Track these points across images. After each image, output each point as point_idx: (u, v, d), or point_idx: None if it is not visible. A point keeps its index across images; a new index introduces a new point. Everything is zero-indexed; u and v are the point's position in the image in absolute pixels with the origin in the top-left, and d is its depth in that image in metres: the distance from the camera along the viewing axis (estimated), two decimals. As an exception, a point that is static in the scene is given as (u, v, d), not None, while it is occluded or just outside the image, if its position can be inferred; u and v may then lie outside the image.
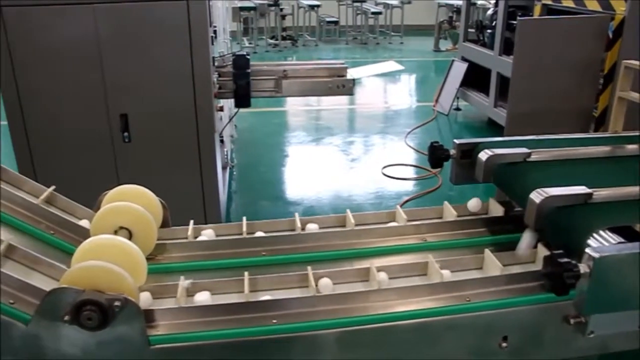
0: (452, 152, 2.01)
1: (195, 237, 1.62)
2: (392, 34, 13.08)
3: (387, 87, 9.55)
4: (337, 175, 5.36)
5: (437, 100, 7.25)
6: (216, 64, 3.75)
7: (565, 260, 1.28)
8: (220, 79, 3.78)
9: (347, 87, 3.97)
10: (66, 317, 1.21)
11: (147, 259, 1.46)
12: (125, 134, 3.38)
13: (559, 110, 4.22)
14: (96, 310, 1.20)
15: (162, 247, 1.56)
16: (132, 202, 1.51)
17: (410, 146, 5.95)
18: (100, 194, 1.69)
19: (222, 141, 4.07)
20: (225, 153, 4.48)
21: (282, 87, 3.88)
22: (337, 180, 5.20)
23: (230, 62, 3.86)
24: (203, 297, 1.40)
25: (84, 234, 1.51)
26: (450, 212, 1.92)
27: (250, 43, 12.07)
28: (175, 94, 3.36)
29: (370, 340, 1.41)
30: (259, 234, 1.64)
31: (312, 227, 1.72)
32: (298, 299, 1.36)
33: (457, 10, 10.56)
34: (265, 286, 1.49)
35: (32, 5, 3.29)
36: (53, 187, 1.62)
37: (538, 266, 1.55)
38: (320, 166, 5.64)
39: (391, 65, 10.32)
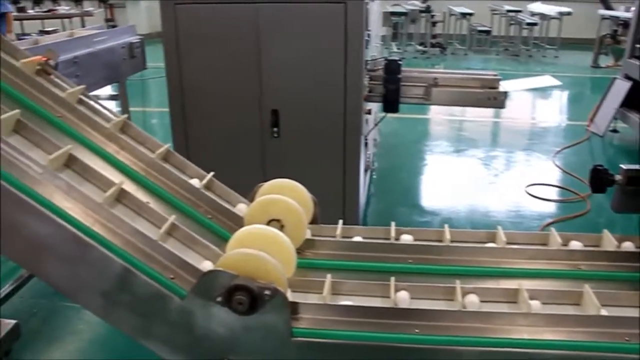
0: (618, 177, 1.87)
1: (343, 237, 1.64)
2: (547, 46, 12.47)
3: (536, 102, 9.13)
4: (477, 189, 5.21)
5: (591, 120, 6.80)
6: (368, 67, 3.78)
7: None
8: (371, 82, 3.80)
9: (498, 100, 3.83)
10: (219, 299, 1.28)
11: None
12: (275, 129, 3.51)
13: None
14: (247, 296, 1.25)
15: (310, 243, 1.59)
16: (286, 196, 1.55)
17: (558, 166, 5.64)
18: (246, 184, 1.76)
19: (366, 144, 4.09)
20: (368, 156, 4.51)
21: (431, 95, 3.83)
22: (477, 194, 5.05)
23: (382, 67, 3.87)
24: (346, 296, 1.41)
25: (238, 221, 1.58)
26: (610, 242, 1.78)
27: (398, 48, 12.07)
28: (326, 94, 3.43)
29: (514, 364, 1.35)
30: (407, 240, 1.62)
31: (459, 240, 1.67)
32: (444, 311, 1.33)
33: (624, 24, 9.80)
34: (409, 294, 1.47)
35: (200, 3, 3.52)
36: (212, 174, 1.71)
37: None
38: (460, 178, 5.51)
39: (547, 80, 9.82)
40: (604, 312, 1.44)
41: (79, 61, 3.60)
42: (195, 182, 1.68)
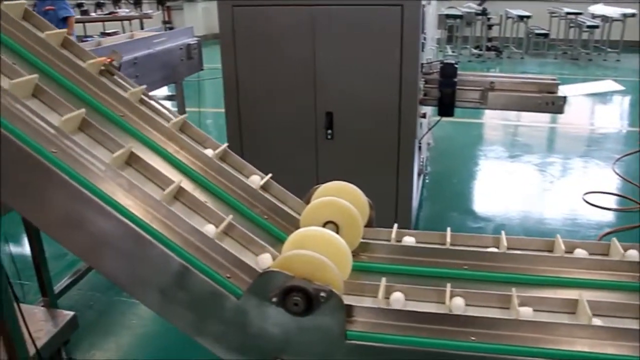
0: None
1: (398, 241, 1.62)
2: (608, 50, 12.05)
3: (595, 107, 8.87)
4: (532, 195, 5.10)
5: (655, 126, 6.57)
6: (423, 70, 3.75)
7: None
8: (426, 85, 3.76)
9: (557, 105, 3.73)
10: (274, 299, 1.28)
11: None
12: (329, 131, 3.51)
13: None
14: (303, 297, 1.25)
15: (364, 246, 1.58)
16: (342, 198, 1.55)
17: (618, 174, 5.46)
18: (299, 185, 1.77)
19: (419, 148, 4.06)
20: (421, 160, 4.47)
21: (487, 99, 3.76)
22: (532, 201, 4.95)
23: (437, 70, 3.83)
24: (399, 300, 1.40)
25: (294, 223, 1.58)
26: (678, 254, 1.70)
27: (453, 51, 11.93)
28: (381, 97, 3.42)
29: (572, 376, 1.31)
30: (460, 246, 1.60)
31: (516, 248, 1.63)
32: (501, 320, 1.30)
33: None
34: (465, 300, 1.44)
35: (257, 5, 3.56)
36: (270, 175, 1.72)
37: None
38: (514, 184, 5.40)
39: (608, 85, 9.51)
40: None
41: (138, 62, 3.69)
42: (254, 179, 1.70)
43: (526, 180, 5.48)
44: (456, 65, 3.77)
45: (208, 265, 1.33)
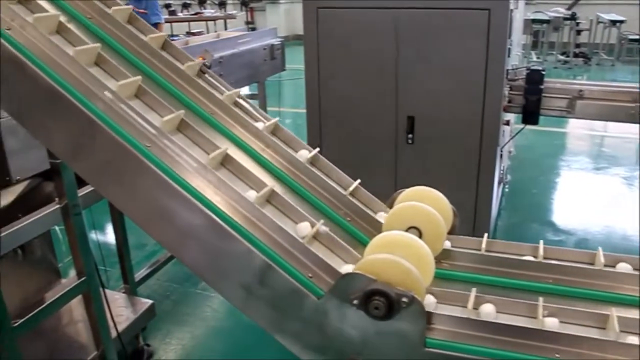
0: None
1: (481, 250, 1.59)
2: None
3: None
4: (618, 210, 4.86)
5: None
6: (508, 76, 3.65)
7: None
8: (511, 92, 3.67)
9: (651, 116, 3.56)
10: (355, 301, 1.28)
11: (432, 262, 1.47)
12: (410, 135, 3.48)
13: None
14: (384, 302, 1.24)
15: (447, 253, 1.56)
16: (425, 204, 1.53)
17: None
18: (377, 188, 1.75)
19: (501, 156, 3.96)
20: (502, 168, 4.36)
21: (575, 108, 3.62)
22: (617, 216, 4.72)
23: (523, 76, 3.72)
24: (488, 312, 1.36)
25: (377, 227, 1.58)
26: None
27: (538, 57, 11.56)
28: (464, 102, 3.36)
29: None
30: (551, 260, 1.54)
31: (622, 267, 1.55)
32: (591, 339, 1.24)
33: None
34: (555, 316, 1.39)
35: (342, 8, 3.58)
36: (359, 181, 1.72)
37: None
38: (599, 197, 5.18)
39: None
40: None
41: (223, 61, 3.78)
42: (340, 182, 1.70)
43: (612, 194, 5.25)
44: (543, 72, 3.65)
45: (291, 264, 1.34)
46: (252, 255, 1.34)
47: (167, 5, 12.70)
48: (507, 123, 3.89)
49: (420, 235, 1.49)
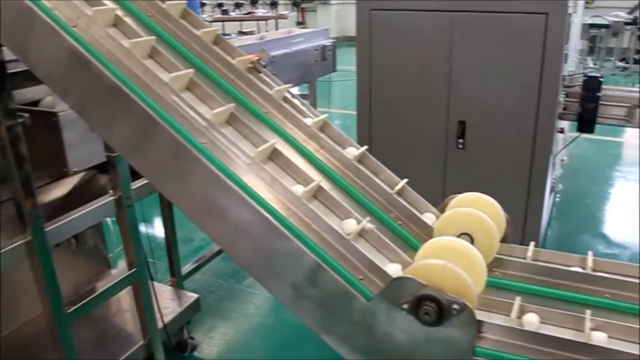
0: None
1: (533, 260, 1.56)
2: None
3: None
4: (677, 225, 4.70)
5: None
6: (564, 82, 3.57)
7: None
8: (567, 99, 3.59)
9: None
10: (405, 306, 1.27)
11: (483, 269, 1.45)
12: (460, 140, 3.44)
13: None
14: (434, 307, 1.23)
15: (498, 261, 1.53)
16: (478, 210, 1.51)
17: None
18: (425, 193, 1.74)
19: (553, 164, 3.88)
20: (554, 177, 4.27)
21: (635, 117, 3.52)
22: (675, 231, 4.56)
23: (580, 83, 3.63)
24: (531, 321, 1.34)
25: (428, 231, 1.56)
26: None
27: (595, 64, 11.24)
28: (517, 108, 3.30)
29: None
30: (603, 273, 1.50)
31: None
32: (631, 354, 1.21)
33: None
34: (600, 330, 1.36)
35: (396, 10, 3.56)
36: (406, 180, 1.71)
37: None
38: (656, 211, 5.01)
39: None
40: None
41: (275, 61, 3.80)
42: (389, 182, 1.69)
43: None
44: (601, 79, 3.56)
45: (342, 265, 1.34)
46: (304, 255, 1.34)
47: (220, 5, 12.88)
48: (562, 131, 3.81)
49: (471, 242, 1.48)
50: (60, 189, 3.04)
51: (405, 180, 1.70)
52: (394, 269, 1.39)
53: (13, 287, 3.10)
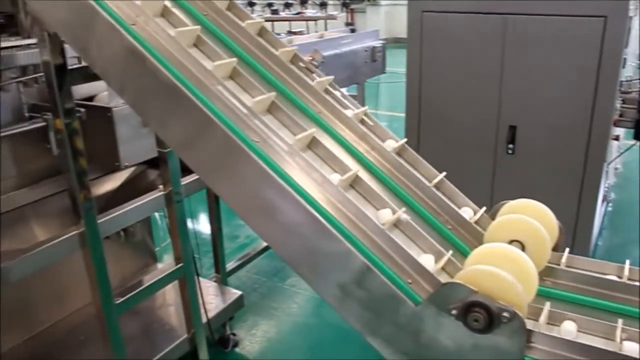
0: None
1: (587, 270, 1.52)
2: None
3: None
4: None
5: None
6: (622, 88, 3.47)
7: None
8: (623, 105, 3.49)
9: None
10: (454, 312, 1.25)
11: (532, 277, 1.42)
12: (510, 145, 3.38)
13: None
14: (484, 314, 1.21)
15: (550, 270, 1.50)
16: (530, 217, 1.48)
17: None
18: (472, 197, 1.71)
19: (607, 172, 3.78)
20: (607, 185, 4.15)
21: (695, 126, 3.40)
22: None
23: (638, 89, 3.53)
24: (569, 329, 1.31)
25: (477, 236, 1.54)
26: None
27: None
28: (571, 114, 3.22)
29: None
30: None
31: None
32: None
33: None
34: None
35: (448, 12, 3.53)
36: (444, 174, 1.69)
37: None
38: None
39: None
40: None
41: (325, 61, 3.81)
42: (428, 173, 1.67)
43: None
44: (661, 86, 3.45)
45: (391, 268, 1.33)
46: (353, 257, 1.34)
47: (270, 5, 12.99)
48: (617, 138, 3.70)
49: (522, 250, 1.45)
50: (111, 183, 3.11)
51: (444, 173, 1.68)
52: (422, 255, 1.38)
53: (63, 277, 3.19)
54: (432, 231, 1.58)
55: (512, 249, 1.36)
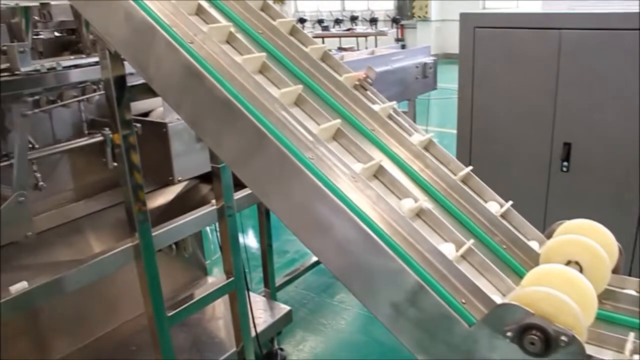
0: None
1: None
2: None
3: None
4: None
5: None
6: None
7: None
8: (685, 123, 3.36)
9: None
10: (509, 333, 1.23)
11: (591, 300, 1.38)
12: (565, 163, 3.30)
13: None
14: (541, 337, 1.18)
15: (609, 293, 1.45)
16: (589, 238, 1.44)
17: None
18: (524, 216, 1.67)
19: (668, 192, 3.64)
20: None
21: None
22: None
23: None
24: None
25: (533, 257, 1.51)
26: None
27: None
28: (629, 130, 3.12)
29: None
30: None
31: None
32: None
33: None
34: None
35: (501, 27, 3.49)
36: (511, 202, 1.66)
37: None
38: None
39: None
40: None
41: (377, 77, 3.82)
42: (493, 205, 1.65)
43: None
44: None
45: (445, 287, 1.32)
46: (406, 275, 1.33)
47: (320, 21, 13.13)
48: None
49: (580, 271, 1.41)
50: (165, 196, 3.18)
51: (510, 202, 1.65)
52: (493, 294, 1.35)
53: (115, 288, 3.27)
54: (483, 247, 1.56)
55: (569, 270, 1.32)
